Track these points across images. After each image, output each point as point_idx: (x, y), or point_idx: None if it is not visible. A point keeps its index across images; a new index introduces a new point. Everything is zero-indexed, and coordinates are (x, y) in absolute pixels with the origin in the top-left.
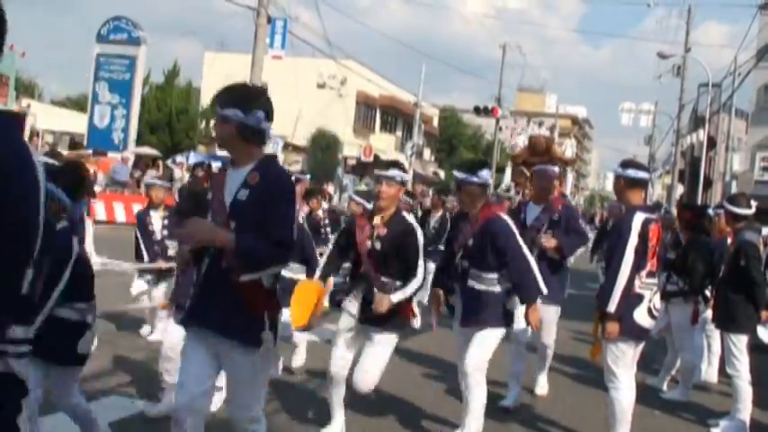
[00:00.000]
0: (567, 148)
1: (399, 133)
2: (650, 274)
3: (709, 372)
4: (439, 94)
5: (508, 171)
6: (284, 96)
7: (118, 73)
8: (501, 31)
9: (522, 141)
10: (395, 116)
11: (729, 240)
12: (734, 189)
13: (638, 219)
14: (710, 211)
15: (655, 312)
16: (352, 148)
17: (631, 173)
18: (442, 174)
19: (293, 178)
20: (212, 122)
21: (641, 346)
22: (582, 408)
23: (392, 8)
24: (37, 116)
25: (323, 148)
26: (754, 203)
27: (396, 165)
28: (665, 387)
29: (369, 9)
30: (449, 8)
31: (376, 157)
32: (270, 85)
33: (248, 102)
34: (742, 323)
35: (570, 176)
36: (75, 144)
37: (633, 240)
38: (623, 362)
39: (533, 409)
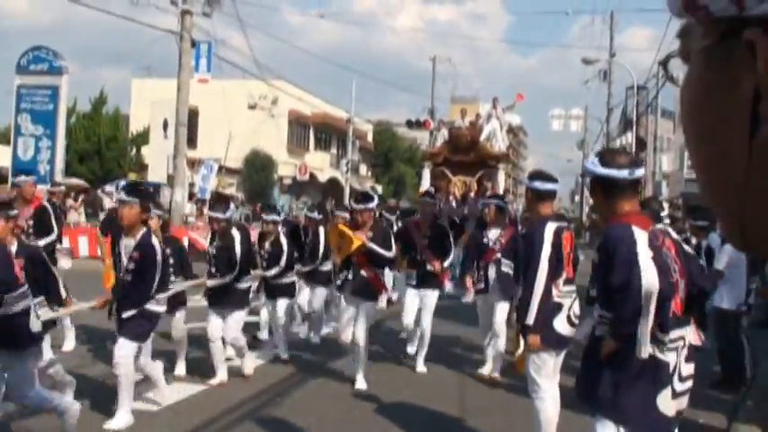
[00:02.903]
0: (499, 142)
1: (334, 150)
2: (568, 282)
3: None
4: (374, 110)
5: (426, 174)
6: (215, 119)
7: (40, 104)
8: (431, 43)
9: (442, 137)
10: (328, 133)
11: None
12: (664, 189)
13: (550, 228)
14: None
15: (574, 320)
16: (287, 168)
17: (538, 185)
18: (379, 188)
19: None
20: (142, 149)
21: (563, 354)
22: (512, 418)
23: (323, 27)
24: None
25: (257, 169)
26: (666, 205)
27: None
28: None
29: (299, 29)
30: (378, 25)
31: (312, 175)
32: (200, 108)
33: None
34: None
35: (501, 174)
36: None
37: (546, 250)
38: (545, 371)
39: (465, 422)
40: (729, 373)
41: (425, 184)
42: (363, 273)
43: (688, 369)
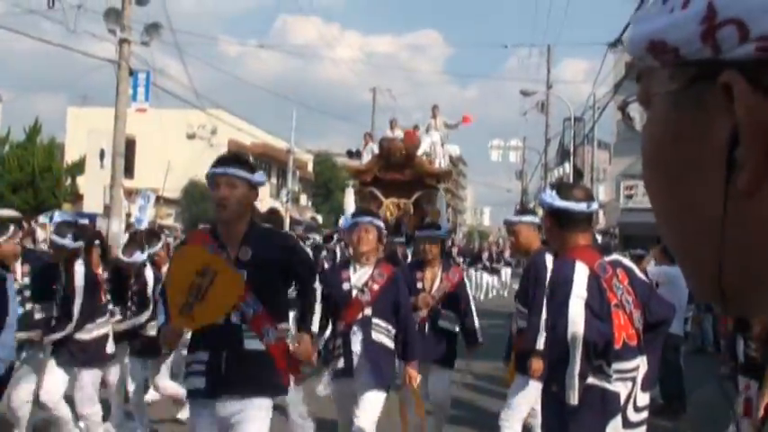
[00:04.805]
0: (439, 157)
1: (274, 180)
2: None
3: None
4: (314, 140)
5: (350, 195)
6: (153, 149)
7: None
8: (371, 75)
9: (370, 152)
10: (268, 164)
11: None
12: (601, 218)
13: (550, 258)
14: None
15: None
16: None
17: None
18: (320, 218)
19: None
20: (78, 179)
21: None
22: None
23: (262, 57)
24: None
25: (196, 199)
26: (599, 237)
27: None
28: None
29: (238, 59)
30: (320, 56)
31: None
32: (137, 137)
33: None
34: None
35: (442, 197)
36: None
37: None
38: (527, 401)
39: None
40: (670, 401)
41: (349, 208)
42: None
43: (644, 399)
